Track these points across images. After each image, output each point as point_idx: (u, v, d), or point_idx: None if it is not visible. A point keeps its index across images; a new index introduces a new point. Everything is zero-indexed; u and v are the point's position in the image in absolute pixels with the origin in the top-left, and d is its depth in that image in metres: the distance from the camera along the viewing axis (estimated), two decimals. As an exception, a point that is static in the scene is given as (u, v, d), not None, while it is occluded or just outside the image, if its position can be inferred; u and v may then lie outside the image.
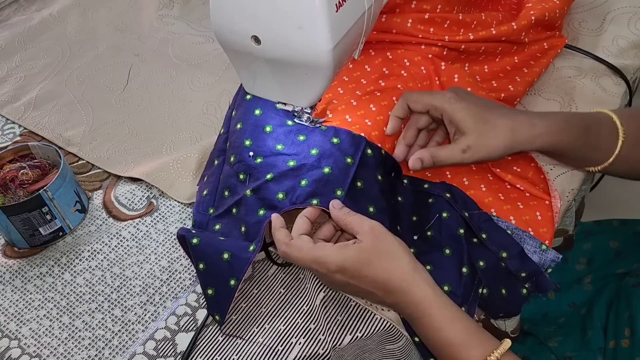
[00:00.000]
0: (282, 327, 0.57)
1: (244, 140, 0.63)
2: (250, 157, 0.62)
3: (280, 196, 0.59)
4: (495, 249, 0.60)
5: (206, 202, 0.65)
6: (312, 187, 0.58)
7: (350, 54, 0.60)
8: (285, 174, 0.59)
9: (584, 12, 0.88)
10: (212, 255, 0.57)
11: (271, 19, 0.52)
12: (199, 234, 0.60)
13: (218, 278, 0.57)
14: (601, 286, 0.86)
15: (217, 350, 0.56)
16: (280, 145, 0.62)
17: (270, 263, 0.63)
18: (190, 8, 0.98)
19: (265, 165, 0.61)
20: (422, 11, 0.73)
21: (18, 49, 0.92)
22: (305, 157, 0.60)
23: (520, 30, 0.74)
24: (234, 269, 0.57)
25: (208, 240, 0.59)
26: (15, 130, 0.80)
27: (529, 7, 0.76)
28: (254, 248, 0.57)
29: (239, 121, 0.66)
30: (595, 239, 0.93)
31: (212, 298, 0.57)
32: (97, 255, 0.65)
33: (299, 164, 0.60)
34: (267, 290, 0.61)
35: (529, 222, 0.64)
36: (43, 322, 0.60)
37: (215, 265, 0.57)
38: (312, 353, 0.56)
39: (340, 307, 0.59)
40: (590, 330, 0.81)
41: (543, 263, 0.62)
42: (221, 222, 0.63)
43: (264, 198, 0.60)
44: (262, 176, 0.60)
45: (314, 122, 0.64)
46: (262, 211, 0.59)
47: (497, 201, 0.65)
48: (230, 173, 0.64)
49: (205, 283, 0.57)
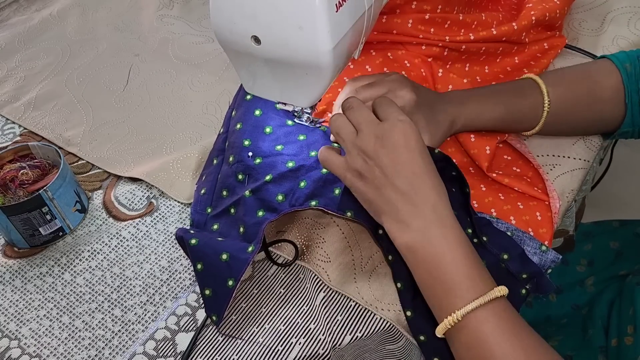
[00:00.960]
0: (282, 327, 0.57)
1: (244, 141, 0.63)
2: (249, 158, 0.62)
3: (279, 198, 0.59)
4: (496, 252, 0.60)
5: (204, 201, 0.65)
6: (310, 189, 0.58)
7: (350, 54, 0.60)
8: (284, 175, 0.59)
9: (584, 12, 0.88)
10: (210, 255, 0.57)
11: (271, 19, 0.52)
12: (197, 235, 0.60)
13: (216, 279, 0.57)
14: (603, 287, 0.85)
15: (217, 350, 0.56)
16: (280, 145, 0.62)
17: (270, 263, 0.63)
18: (190, 8, 0.98)
19: (264, 165, 0.61)
20: (423, 11, 0.73)
21: (18, 49, 0.92)
22: (304, 159, 0.60)
23: (520, 31, 0.74)
24: (232, 270, 0.57)
25: (207, 241, 0.59)
26: (15, 130, 0.80)
27: (530, 7, 0.76)
28: (253, 249, 0.57)
29: (239, 121, 0.66)
30: (595, 240, 0.93)
31: (209, 298, 0.57)
32: (97, 255, 0.65)
33: (298, 165, 0.60)
34: (267, 290, 0.61)
35: (529, 222, 0.64)
36: (43, 322, 0.60)
37: (214, 266, 0.57)
38: (312, 353, 0.56)
39: (340, 307, 0.59)
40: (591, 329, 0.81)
41: (543, 264, 0.62)
42: (219, 222, 0.63)
43: (263, 199, 0.60)
44: (261, 177, 0.60)
45: (314, 122, 0.64)
46: (261, 212, 0.59)
47: (497, 201, 0.66)
48: (229, 173, 0.64)
49: (203, 283, 0.57)
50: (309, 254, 0.62)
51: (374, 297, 0.59)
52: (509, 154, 0.71)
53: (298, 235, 0.64)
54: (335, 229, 0.64)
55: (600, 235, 0.93)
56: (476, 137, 0.68)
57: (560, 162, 0.71)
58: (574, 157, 0.71)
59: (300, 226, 0.65)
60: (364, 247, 0.63)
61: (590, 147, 0.72)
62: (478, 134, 0.68)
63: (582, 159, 0.71)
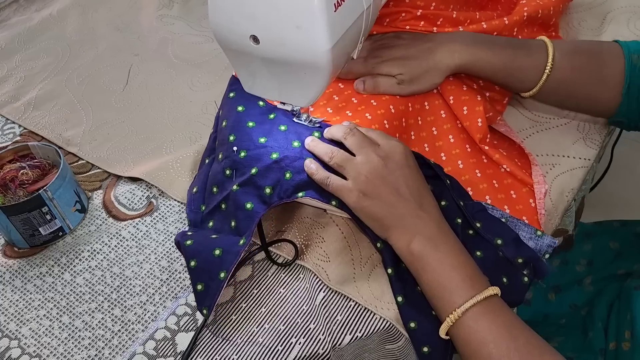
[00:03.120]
0: (281, 327, 0.57)
1: (229, 136, 0.64)
2: (234, 152, 0.63)
3: (267, 191, 0.60)
4: (490, 237, 0.61)
5: (197, 199, 0.66)
6: (296, 180, 0.59)
7: (349, 54, 0.61)
8: (269, 167, 0.60)
9: (583, 12, 0.88)
10: (204, 252, 0.59)
11: (270, 19, 0.52)
12: (192, 236, 0.61)
13: (209, 273, 0.58)
14: (602, 287, 0.85)
15: (217, 350, 0.57)
16: (263, 138, 0.63)
17: (270, 263, 0.63)
18: (189, 8, 0.98)
19: (249, 158, 0.61)
20: (416, 7, 0.73)
21: (18, 49, 0.92)
22: (287, 149, 0.61)
23: (512, 26, 0.74)
24: (224, 262, 0.57)
25: (202, 240, 0.60)
26: (15, 130, 0.80)
27: (523, 4, 0.76)
28: (244, 242, 0.58)
29: (224, 119, 0.67)
30: (595, 240, 0.93)
31: (201, 293, 0.58)
32: (97, 255, 0.65)
33: (282, 156, 0.60)
34: (267, 290, 0.61)
35: (522, 211, 0.65)
36: (43, 322, 0.60)
37: (207, 262, 0.58)
38: (312, 353, 0.56)
39: (339, 306, 0.59)
40: (591, 331, 0.81)
41: (539, 249, 0.63)
42: (213, 218, 0.64)
43: (251, 192, 0.60)
44: (248, 170, 0.61)
45: (313, 122, 0.64)
46: (250, 205, 0.60)
47: (492, 189, 0.67)
48: (218, 169, 0.65)
49: (196, 279, 0.58)
50: (308, 254, 0.62)
51: (373, 296, 0.59)
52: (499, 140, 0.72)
53: (297, 235, 0.64)
54: (335, 229, 0.64)
55: (600, 235, 0.93)
56: (469, 109, 0.69)
57: (560, 161, 0.71)
58: (574, 156, 0.71)
59: (299, 225, 0.65)
60: (363, 247, 0.63)
61: (591, 146, 0.72)
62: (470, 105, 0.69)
63: (582, 158, 0.71)
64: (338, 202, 0.58)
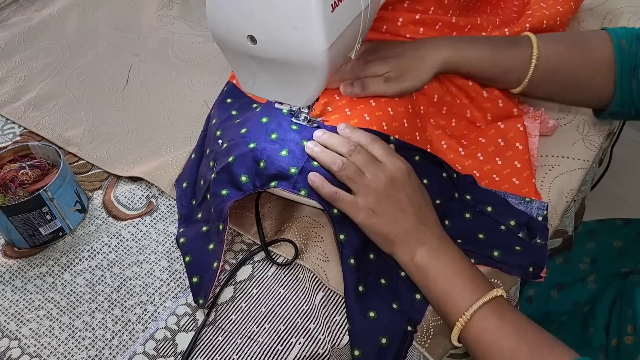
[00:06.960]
0: (281, 327, 0.57)
1: (216, 132, 0.66)
2: (219, 145, 0.65)
3: (243, 179, 0.60)
4: (480, 207, 0.64)
5: (187, 194, 0.68)
6: (270, 170, 0.60)
7: (346, 55, 0.60)
8: (245, 154, 0.61)
9: (584, 12, 0.88)
10: (198, 247, 0.61)
11: (267, 19, 0.52)
12: (184, 232, 0.63)
13: (204, 266, 0.60)
14: (605, 285, 0.85)
15: (217, 350, 0.57)
16: (244, 129, 0.64)
17: (270, 263, 0.63)
18: (189, 8, 0.98)
19: (228, 148, 0.63)
20: (415, 11, 0.73)
21: (18, 49, 0.92)
22: (265, 140, 0.62)
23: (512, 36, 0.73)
24: (216, 254, 0.60)
25: (193, 235, 0.62)
26: (15, 130, 0.80)
27: (528, 15, 0.75)
28: (223, 226, 0.60)
29: (214, 117, 0.69)
30: (598, 239, 0.93)
31: (197, 285, 0.59)
32: (97, 255, 0.65)
33: (259, 147, 0.61)
34: (267, 290, 0.61)
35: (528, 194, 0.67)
36: (43, 322, 0.60)
37: (202, 255, 0.60)
38: (312, 353, 0.56)
39: (339, 306, 0.59)
40: (592, 327, 0.81)
41: (530, 212, 0.65)
42: (201, 209, 0.65)
43: (227, 180, 0.61)
44: (225, 160, 0.62)
45: (311, 122, 0.64)
46: (225, 191, 0.61)
47: (477, 162, 0.69)
48: (205, 163, 0.66)
49: (192, 272, 0.60)
50: (307, 253, 0.62)
51: (373, 297, 0.59)
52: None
53: (297, 234, 0.64)
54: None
55: (603, 233, 0.93)
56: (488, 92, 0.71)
57: (559, 162, 0.71)
58: (573, 157, 0.71)
59: (299, 225, 0.65)
60: (363, 247, 0.63)
61: (590, 147, 0.72)
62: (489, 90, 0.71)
63: (582, 159, 0.71)
64: (307, 191, 0.59)
